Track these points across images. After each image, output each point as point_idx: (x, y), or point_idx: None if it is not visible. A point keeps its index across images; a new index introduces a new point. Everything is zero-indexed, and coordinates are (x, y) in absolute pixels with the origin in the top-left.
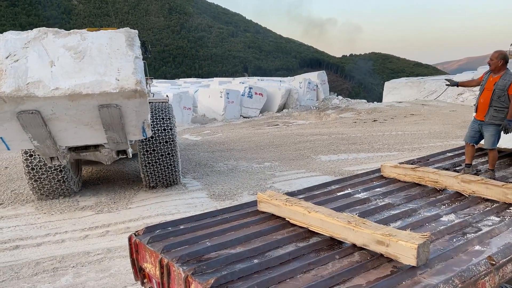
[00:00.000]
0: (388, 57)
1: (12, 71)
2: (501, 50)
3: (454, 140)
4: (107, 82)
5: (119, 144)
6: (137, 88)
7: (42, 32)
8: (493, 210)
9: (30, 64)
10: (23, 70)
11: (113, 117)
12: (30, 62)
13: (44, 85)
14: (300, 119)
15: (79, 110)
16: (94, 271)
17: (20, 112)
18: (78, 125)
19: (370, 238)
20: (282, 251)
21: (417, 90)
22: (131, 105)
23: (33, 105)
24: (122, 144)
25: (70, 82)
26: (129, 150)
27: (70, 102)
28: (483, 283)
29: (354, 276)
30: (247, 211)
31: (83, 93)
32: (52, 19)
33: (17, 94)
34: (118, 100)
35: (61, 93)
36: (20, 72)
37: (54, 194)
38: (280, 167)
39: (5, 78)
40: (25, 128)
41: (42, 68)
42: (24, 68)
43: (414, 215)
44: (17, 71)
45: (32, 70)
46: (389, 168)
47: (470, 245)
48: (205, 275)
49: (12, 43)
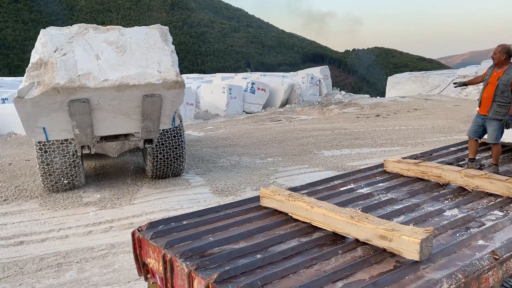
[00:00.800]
0: (391, 51)
1: (62, 64)
2: (505, 44)
3: (457, 135)
4: (150, 74)
5: (151, 133)
6: (178, 79)
7: (83, 28)
8: (496, 204)
9: (78, 58)
10: (72, 63)
11: (154, 107)
12: (77, 56)
13: (93, 76)
14: (303, 115)
15: (122, 100)
16: (98, 267)
17: (72, 100)
18: (117, 114)
19: (373, 233)
20: (285, 246)
21: (421, 85)
22: (170, 95)
23: (84, 95)
24: (153, 133)
25: (117, 74)
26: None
27: (116, 92)
28: (487, 277)
29: (357, 271)
30: (250, 206)
31: (130, 84)
32: (54, 15)
33: (70, 85)
34: (159, 91)
35: (110, 84)
36: (69, 65)
37: (66, 188)
38: (283, 162)
39: (57, 71)
40: (73, 116)
41: (89, 61)
42: (73, 61)
43: (417, 210)
44: (66, 64)
45: (80, 63)
46: (392, 163)
47: (473, 239)
48: (208, 270)
49: (57, 38)
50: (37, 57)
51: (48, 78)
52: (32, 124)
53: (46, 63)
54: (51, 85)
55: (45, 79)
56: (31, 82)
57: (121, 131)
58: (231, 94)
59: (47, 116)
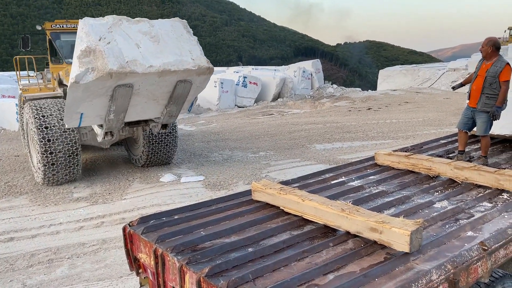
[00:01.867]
0: (382, 45)
1: (109, 51)
2: (492, 36)
3: (448, 128)
4: (186, 61)
5: (172, 117)
6: (209, 66)
7: (117, 19)
8: (485, 196)
9: (121, 46)
10: (118, 51)
11: (183, 92)
12: (120, 44)
13: (139, 63)
14: (295, 108)
15: (159, 85)
16: (90, 262)
17: (119, 85)
18: (148, 100)
19: (364, 225)
20: (276, 240)
21: (412, 78)
22: (198, 81)
23: (131, 80)
24: (173, 118)
25: (159, 61)
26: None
27: (157, 78)
28: (475, 268)
29: (348, 263)
30: (241, 200)
31: (171, 70)
32: (43, 9)
33: (122, 70)
34: (192, 76)
35: (155, 70)
36: (116, 52)
37: (64, 180)
38: (275, 156)
39: (107, 58)
40: (115, 101)
41: (132, 49)
42: (118, 49)
43: (408, 202)
44: (113, 51)
45: (125, 50)
46: (383, 156)
47: (462, 231)
48: (200, 264)
49: (97, 27)
50: (85, 45)
51: (101, 64)
52: (73, 109)
53: (94, 50)
54: (106, 71)
55: (98, 65)
56: (86, 68)
57: (145, 116)
58: (223, 88)
59: (90, 102)
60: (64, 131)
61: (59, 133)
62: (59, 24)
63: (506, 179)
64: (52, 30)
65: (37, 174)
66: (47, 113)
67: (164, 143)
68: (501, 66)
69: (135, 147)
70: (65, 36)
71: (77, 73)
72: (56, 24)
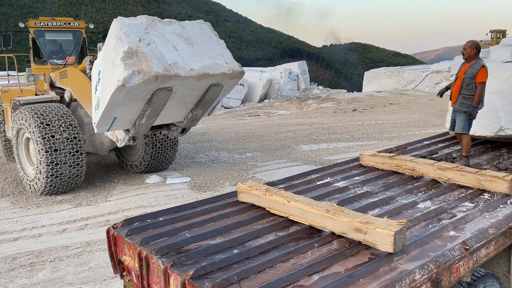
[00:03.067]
0: (368, 47)
1: (151, 54)
2: (474, 39)
3: (431, 129)
4: (220, 65)
5: (195, 121)
6: (242, 70)
7: (151, 19)
8: (467, 196)
9: (161, 48)
10: (159, 53)
11: (214, 95)
12: (159, 46)
13: (181, 66)
14: (281, 109)
15: (193, 89)
16: (73, 265)
17: (159, 89)
18: (178, 103)
19: (348, 226)
20: (262, 241)
21: (396, 80)
22: (228, 85)
23: (173, 83)
24: (196, 121)
25: (197, 64)
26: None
27: (196, 81)
28: (458, 267)
29: (332, 264)
30: (227, 201)
31: (210, 74)
32: (26, 8)
33: (167, 73)
34: (225, 80)
35: (195, 73)
36: (157, 54)
37: (68, 188)
38: (262, 157)
39: (150, 60)
40: (152, 104)
41: (170, 52)
42: (158, 51)
43: (392, 203)
44: (155, 53)
45: (165, 53)
46: (368, 157)
47: (445, 230)
48: (185, 266)
49: (135, 28)
50: (126, 46)
51: (146, 66)
52: (109, 114)
53: (136, 52)
54: (152, 74)
55: (143, 67)
56: (132, 71)
57: (168, 120)
58: None
59: (127, 106)
60: (71, 140)
61: (66, 143)
62: (43, 21)
63: (487, 179)
64: (36, 28)
65: (34, 185)
66: (51, 120)
67: (165, 147)
68: (477, 68)
69: (131, 152)
70: (50, 35)
71: (124, 75)
72: (41, 22)
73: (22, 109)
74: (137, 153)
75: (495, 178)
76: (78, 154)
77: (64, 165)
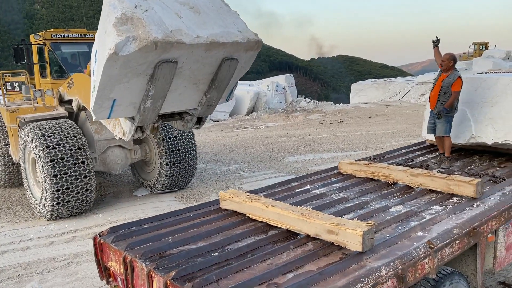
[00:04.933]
0: (355, 59)
1: (149, 19)
2: (451, 52)
3: (415, 139)
4: (233, 33)
5: (211, 107)
6: (259, 38)
7: None
8: (437, 200)
9: (160, 14)
10: (158, 19)
11: (229, 72)
12: (159, 13)
13: (185, 33)
14: (269, 122)
15: (203, 63)
16: (61, 276)
17: (161, 61)
18: (188, 84)
19: (322, 228)
20: (241, 244)
21: (383, 91)
22: (243, 59)
23: (176, 53)
24: (212, 108)
25: (205, 32)
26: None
27: (204, 52)
28: (423, 264)
29: (306, 263)
30: (209, 209)
31: (220, 42)
32: (14, 24)
33: (168, 39)
34: (239, 52)
35: (203, 40)
36: (156, 20)
37: (75, 213)
38: (249, 168)
39: (148, 26)
40: (156, 81)
41: (173, 18)
42: (157, 17)
43: (366, 207)
44: (153, 19)
45: (165, 19)
46: (346, 165)
47: (413, 232)
48: (167, 269)
49: None
50: (120, 12)
51: (143, 32)
52: (106, 93)
53: (131, 18)
54: (150, 39)
55: (139, 33)
56: (126, 36)
57: (181, 106)
58: None
59: (126, 83)
60: (82, 161)
61: (77, 164)
62: (59, 33)
63: (455, 184)
64: (53, 40)
65: (40, 209)
66: (58, 143)
67: (184, 162)
68: (454, 78)
69: (147, 170)
70: (66, 47)
71: (116, 42)
72: (57, 34)
73: (27, 127)
74: (153, 170)
75: (463, 182)
76: (86, 180)
77: (72, 192)
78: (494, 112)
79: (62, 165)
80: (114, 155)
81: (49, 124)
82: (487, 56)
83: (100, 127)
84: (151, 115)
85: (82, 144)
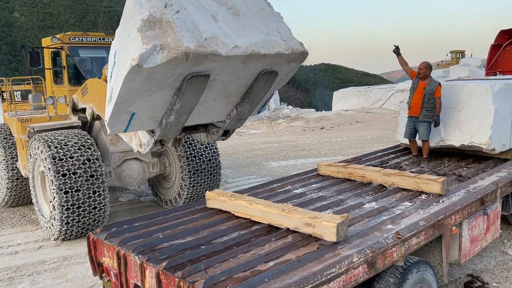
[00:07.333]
0: (337, 67)
1: (181, 23)
2: (427, 61)
3: (393, 144)
4: (276, 42)
5: (241, 121)
6: (304, 50)
7: None
8: (407, 197)
9: (194, 17)
10: (191, 23)
11: (265, 86)
12: (192, 15)
13: (221, 41)
14: (252, 129)
15: (238, 75)
16: (51, 278)
17: (191, 75)
18: (219, 96)
19: (300, 221)
20: (226, 238)
21: (364, 99)
22: (285, 71)
23: (210, 66)
24: (241, 121)
25: (244, 40)
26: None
27: (241, 64)
28: (391, 253)
29: (286, 253)
30: (196, 208)
31: (261, 53)
32: None
33: (202, 50)
34: (280, 64)
35: (241, 52)
36: (188, 24)
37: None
38: (233, 173)
39: (179, 32)
40: (183, 96)
41: (208, 22)
42: (190, 21)
43: (342, 204)
44: (185, 23)
45: (199, 23)
46: (324, 167)
47: (383, 224)
48: (159, 260)
49: None
50: (147, 13)
51: (172, 40)
52: (125, 107)
53: (160, 21)
54: (180, 50)
55: (169, 41)
56: (153, 45)
57: (206, 119)
58: None
59: (147, 97)
60: (96, 176)
61: (90, 180)
62: (78, 37)
63: (424, 182)
64: (71, 43)
65: (49, 227)
66: (66, 154)
67: (206, 171)
68: (435, 85)
69: (166, 185)
70: (84, 52)
71: (141, 51)
72: (75, 37)
73: (36, 137)
74: (173, 186)
75: (430, 181)
76: (100, 198)
77: (83, 212)
78: (461, 116)
79: (74, 181)
80: (130, 169)
81: (60, 135)
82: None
83: (115, 137)
84: (173, 130)
85: (96, 157)
